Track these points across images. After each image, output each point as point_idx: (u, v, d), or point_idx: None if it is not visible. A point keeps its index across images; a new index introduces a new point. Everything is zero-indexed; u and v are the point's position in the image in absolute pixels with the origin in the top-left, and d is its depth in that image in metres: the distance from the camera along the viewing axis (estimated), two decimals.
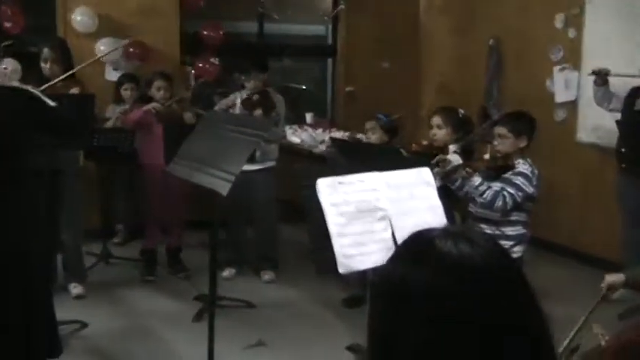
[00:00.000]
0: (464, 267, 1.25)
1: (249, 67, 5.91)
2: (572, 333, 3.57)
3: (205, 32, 7.13)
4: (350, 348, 4.54)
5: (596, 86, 5.75)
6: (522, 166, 4.53)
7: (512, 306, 1.27)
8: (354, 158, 4.55)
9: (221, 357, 4.10)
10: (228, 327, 4.85)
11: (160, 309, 5.35)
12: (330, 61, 8.23)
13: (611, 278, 3.65)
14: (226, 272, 6.03)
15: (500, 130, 4.59)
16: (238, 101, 5.84)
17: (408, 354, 1.23)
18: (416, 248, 1.31)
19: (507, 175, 4.51)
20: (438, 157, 4.43)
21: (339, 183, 2.98)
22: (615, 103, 5.80)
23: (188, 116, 5.79)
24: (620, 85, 5.75)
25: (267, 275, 6.04)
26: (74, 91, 5.15)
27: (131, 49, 6.66)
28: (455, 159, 4.50)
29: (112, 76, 6.73)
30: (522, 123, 4.63)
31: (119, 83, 6.47)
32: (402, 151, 4.38)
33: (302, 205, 3.19)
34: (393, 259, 1.33)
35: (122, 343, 4.75)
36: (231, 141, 3.74)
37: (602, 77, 5.65)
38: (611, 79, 5.75)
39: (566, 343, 3.57)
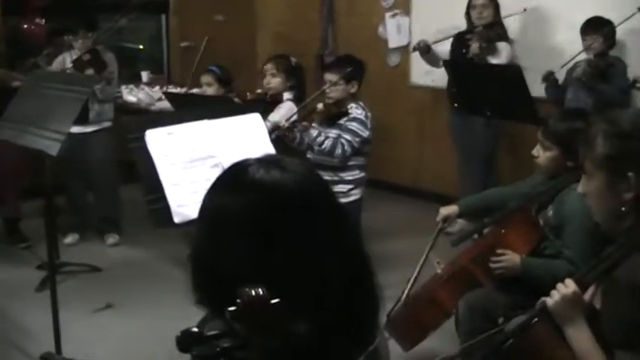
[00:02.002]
0: (274, 192, 1.28)
1: (77, 26, 5.70)
2: (417, 269, 3.72)
3: None
4: (200, 303, 4.53)
5: (422, 56, 5.89)
6: (356, 110, 4.62)
7: (324, 229, 1.30)
8: (188, 110, 4.50)
9: (68, 324, 4.01)
10: (74, 293, 4.77)
11: (1, 282, 5.15)
12: (163, 17, 8.05)
13: (446, 210, 3.82)
14: (69, 238, 5.87)
15: (330, 77, 4.64)
16: (68, 61, 5.63)
17: (224, 280, 1.25)
18: (230, 177, 1.35)
19: (342, 121, 4.59)
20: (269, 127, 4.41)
21: (169, 133, 2.95)
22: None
23: (16, 83, 5.52)
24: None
25: (112, 238, 5.93)
26: None
27: None
28: (287, 110, 4.52)
29: None
30: (351, 68, 4.70)
31: None
32: (236, 99, 4.37)
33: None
34: (210, 190, 1.36)
35: None
36: (57, 99, 3.61)
37: (422, 50, 5.80)
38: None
39: (412, 280, 3.71)
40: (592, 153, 2.04)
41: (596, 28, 5.12)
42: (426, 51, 5.75)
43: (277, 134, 4.34)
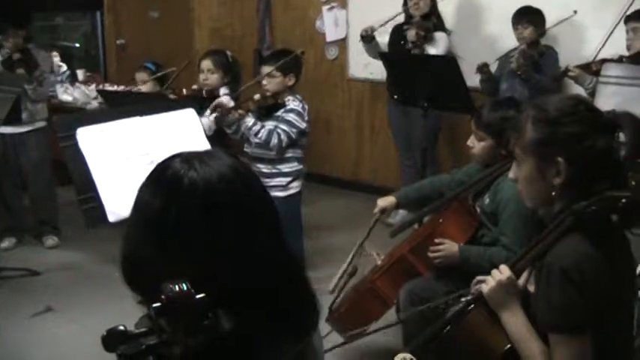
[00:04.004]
0: (193, 189, 1.28)
1: (5, 24, 5.56)
2: (349, 258, 3.73)
3: None
4: (142, 302, 4.47)
5: (365, 44, 5.88)
6: (293, 102, 4.62)
7: (248, 225, 1.29)
8: (121, 107, 4.44)
9: (6, 329, 3.94)
10: (12, 298, 4.70)
11: None
12: (98, 14, 7.92)
13: (383, 202, 3.83)
14: (5, 243, 5.73)
15: (267, 69, 4.64)
16: None
17: (150, 276, 1.24)
18: (153, 175, 1.34)
19: (279, 113, 4.59)
20: (214, 103, 4.40)
21: (101, 131, 2.90)
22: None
23: None
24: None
25: (50, 240, 5.81)
26: None
27: None
28: (225, 100, 4.51)
29: None
30: (289, 61, 4.69)
31: None
32: (171, 96, 4.33)
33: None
34: (138, 188, 1.35)
35: None
36: None
37: (368, 37, 5.78)
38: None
39: (344, 267, 3.71)
40: (521, 139, 2.06)
41: (527, 16, 5.20)
42: (370, 39, 5.75)
43: (219, 114, 4.32)
